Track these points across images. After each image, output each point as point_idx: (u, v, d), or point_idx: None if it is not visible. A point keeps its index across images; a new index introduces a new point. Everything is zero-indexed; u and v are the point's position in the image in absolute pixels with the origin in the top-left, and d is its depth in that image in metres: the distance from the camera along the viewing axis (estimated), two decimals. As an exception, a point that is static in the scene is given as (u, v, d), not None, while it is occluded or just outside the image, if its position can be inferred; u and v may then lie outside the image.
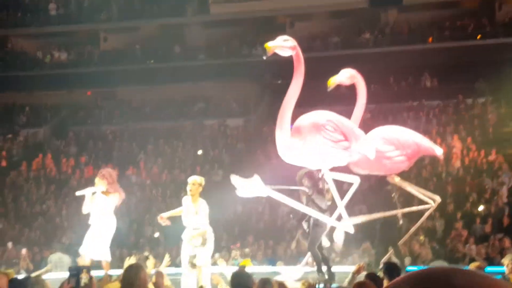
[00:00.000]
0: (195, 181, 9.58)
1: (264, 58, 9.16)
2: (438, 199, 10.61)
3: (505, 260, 9.02)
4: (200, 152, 22.72)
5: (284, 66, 25.85)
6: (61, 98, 27.77)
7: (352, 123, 9.65)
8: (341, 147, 9.17)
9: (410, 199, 12.25)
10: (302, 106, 12.00)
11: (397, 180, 10.45)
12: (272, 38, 29.05)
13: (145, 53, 27.79)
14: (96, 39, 28.98)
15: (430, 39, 25.72)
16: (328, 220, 9.61)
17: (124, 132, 24.92)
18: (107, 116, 26.64)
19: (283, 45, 9.07)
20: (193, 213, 9.56)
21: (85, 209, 10.43)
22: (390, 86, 25.03)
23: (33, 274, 9.73)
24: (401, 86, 25.11)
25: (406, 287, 0.86)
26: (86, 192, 10.47)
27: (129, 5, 28.65)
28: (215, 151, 22.65)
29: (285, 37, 9.22)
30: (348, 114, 10.27)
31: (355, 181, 9.80)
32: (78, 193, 10.82)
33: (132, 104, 26.83)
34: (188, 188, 9.62)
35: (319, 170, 9.63)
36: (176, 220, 10.06)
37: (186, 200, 9.71)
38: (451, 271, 0.87)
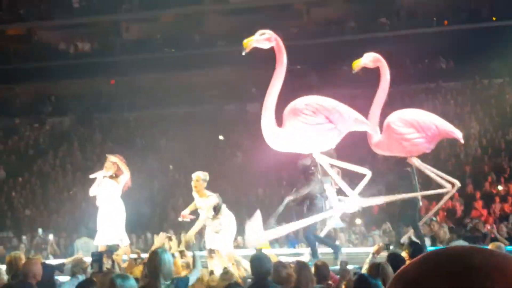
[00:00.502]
0: (198, 177, 9.42)
1: (243, 54, 9.20)
2: (457, 183, 10.41)
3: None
4: (221, 137, 22.59)
5: (302, 52, 25.69)
6: (85, 87, 27.76)
7: (338, 104, 9.51)
8: (323, 130, 9.06)
9: (429, 181, 11.94)
10: (321, 89, 11.85)
11: (416, 162, 10.24)
12: (290, 24, 28.91)
13: (166, 41, 27.71)
14: (118, 29, 29.05)
15: (446, 22, 25.40)
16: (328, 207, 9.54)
17: (145, 118, 24.93)
18: (130, 104, 26.62)
19: (258, 39, 9.18)
20: (201, 208, 9.45)
21: (92, 191, 10.55)
22: (407, 69, 24.74)
23: (66, 261, 9.66)
24: (417, 68, 24.85)
25: (421, 271, 0.82)
26: (98, 175, 10.42)
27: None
28: (234, 135, 22.51)
29: (262, 31, 9.32)
30: (367, 97, 10.13)
31: (367, 173, 9.76)
32: (91, 176, 10.77)
33: (154, 91, 26.77)
34: (192, 184, 9.51)
35: (311, 155, 9.48)
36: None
37: (194, 195, 9.59)
38: (469, 250, 0.83)
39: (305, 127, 9.02)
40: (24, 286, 6.16)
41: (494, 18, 24.68)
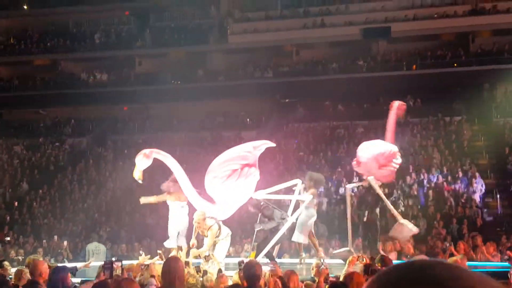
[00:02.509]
0: (199, 219, 9.16)
1: (141, 182, 9.11)
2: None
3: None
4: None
5: (291, 87, 25.96)
6: (102, 112, 27.80)
7: (236, 149, 9.43)
8: (245, 176, 8.93)
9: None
10: (306, 122, 11.97)
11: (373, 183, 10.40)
12: (281, 63, 28.88)
13: (173, 75, 27.82)
14: (132, 63, 29.08)
15: (414, 66, 25.65)
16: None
17: (153, 141, 24.92)
18: (140, 128, 26.65)
19: (138, 164, 9.06)
20: (206, 236, 9.35)
21: (143, 200, 10.78)
22: (380, 105, 24.90)
23: (79, 265, 9.65)
24: (389, 105, 24.93)
25: (390, 278, 0.81)
26: (150, 200, 10.55)
27: (160, 34, 28.77)
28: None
29: (138, 156, 9.14)
30: (346, 128, 10.24)
31: (298, 182, 9.80)
32: (142, 201, 10.71)
33: (162, 118, 26.83)
34: (195, 226, 9.29)
35: (257, 200, 9.41)
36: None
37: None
38: (433, 263, 0.82)
39: (230, 186, 8.85)
40: (31, 285, 6.00)
41: (455, 64, 24.97)
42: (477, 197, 17.10)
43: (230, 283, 7.00)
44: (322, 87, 24.29)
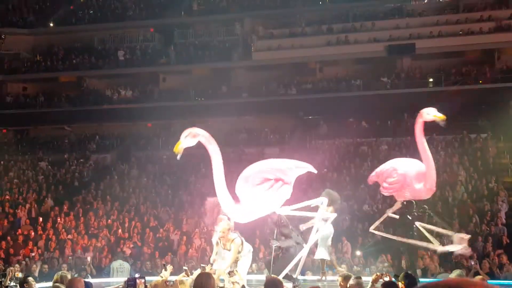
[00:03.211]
0: (224, 229, 9.13)
1: (178, 158, 8.57)
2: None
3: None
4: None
5: (314, 104, 26.12)
6: (126, 129, 28.26)
7: (278, 162, 9.35)
8: (275, 190, 8.86)
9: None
10: (329, 138, 12.16)
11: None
12: (304, 80, 29.09)
13: (197, 91, 28.16)
14: (156, 80, 29.48)
15: (438, 83, 25.72)
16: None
17: (177, 158, 25.19)
18: (164, 144, 26.96)
19: (184, 140, 8.72)
20: (229, 250, 9.26)
21: None
22: (404, 122, 25.00)
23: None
24: (413, 122, 24.97)
25: None
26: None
27: (184, 51, 29.24)
28: (254, 175, 22.72)
29: (187, 131, 8.76)
30: (369, 144, 10.35)
31: (324, 201, 9.66)
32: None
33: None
34: (220, 235, 9.19)
35: (274, 214, 9.33)
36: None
37: (220, 241, 9.35)
38: (464, 282, 0.83)
39: (259, 194, 8.80)
40: None
41: (480, 81, 24.98)
42: (502, 214, 17.08)
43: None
44: (345, 104, 24.46)
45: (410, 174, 10.08)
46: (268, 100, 26.36)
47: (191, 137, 8.79)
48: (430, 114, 9.89)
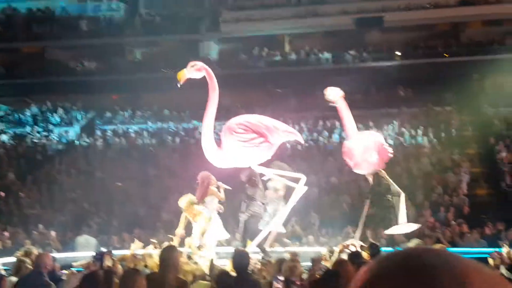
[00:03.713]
0: (187, 203, 9.50)
1: (179, 86, 8.91)
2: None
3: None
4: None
5: (283, 77, 26.13)
6: (91, 101, 27.85)
7: (268, 120, 9.36)
8: (256, 144, 9.00)
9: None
10: (298, 111, 12.23)
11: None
12: (274, 52, 28.96)
13: (164, 64, 27.82)
14: (122, 51, 29.10)
15: (405, 56, 26.00)
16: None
17: (144, 131, 25.02)
18: (130, 117, 26.71)
19: (190, 70, 9.00)
20: (196, 222, 9.60)
21: None
22: (371, 96, 25.27)
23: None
24: (380, 96, 25.34)
25: (383, 268, 0.82)
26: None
27: (151, 22, 28.80)
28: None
29: (193, 63, 9.09)
30: (337, 118, 10.44)
31: (302, 177, 9.70)
32: None
33: (152, 107, 26.93)
34: (184, 210, 9.59)
35: (250, 168, 9.47)
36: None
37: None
38: (425, 251, 0.83)
39: (240, 144, 8.94)
40: (37, 275, 6.29)
41: (446, 55, 25.35)
42: (464, 185, 17.53)
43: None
44: (314, 77, 24.53)
45: (364, 148, 10.17)
46: (237, 73, 26.23)
47: (196, 70, 9.04)
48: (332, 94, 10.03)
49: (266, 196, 9.88)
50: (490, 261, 7.18)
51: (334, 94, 10.18)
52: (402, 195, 10.44)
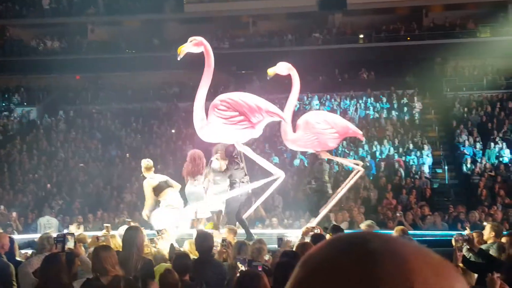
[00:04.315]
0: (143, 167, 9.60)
1: (178, 59, 9.07)
2: (361, 163, 10.75)
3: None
4: (173, 130, 22.57)
5: (247, 59, 25.94)
6: (53, 81, 27.18)
7: (253, 99, 9.28)
8: (236, 122, 8.96)
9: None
10: (262, 94, 12.04)
11: (328, 155, 10.56)
12: (237, 34, 28.77)
13: (128, 44, 27.32)
14: (84, 31, 28.38)
15: (368, 39, 26.02)
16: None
17: (107, 112, 24.59)
18: (93, 98, 26.18)
19: (189, 45, 9.19)
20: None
21: None
22: (335, 78, 25.25)
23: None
24: (344, 78, 25.34)
25: (324, 252, 0.80)
26: None
27: (114, 1, 28.12)
28: (187, 129, 22.49)
29: (192, 38, 9.29)
30: (300, 99, 10.32)
31: (281, 176, 9.61)
32: None
33: (116, 88, 26.41)
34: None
35: (233, 145, 9.39)
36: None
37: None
38: (370, 235, 0.80)
39: (220, 120, 8.91)
40: None
41: (408, 38, 25.44)
42: (426, 168, 17.68)
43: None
44: (278, 59, 24.16)
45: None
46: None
47: (194, 44, 9.18)
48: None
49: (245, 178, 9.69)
50: (453, 242, 7.17)
51: (283, 67, 10.10)
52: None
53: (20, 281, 5.56)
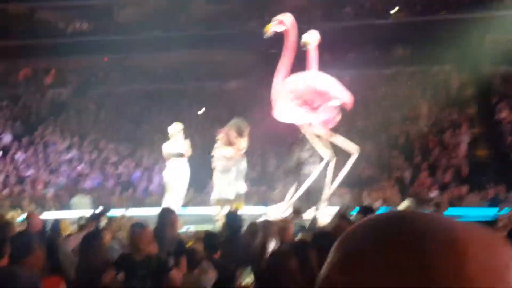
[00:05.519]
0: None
1: (265, 37, 9.78)
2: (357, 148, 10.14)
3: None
4: (201, 111, 22.67)
5: (276, 39, 25.61)
6: (81, 62, 27.44)
7: (319, 82, 9.61)
8: (299, 105, 9.42)
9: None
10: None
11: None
12: (268, 12, 28.47)
13: (154, 23, 27.30)
14: (110, 12, 28.45)
15: (402, 13, 25.52)
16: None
17: (135, 92, 24.84)
18: (121, 79, 26.39)
19: (274, 24, 9.87)
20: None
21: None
22: (366, 54, 24.88)
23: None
24: (376, 55, 24.97)
25: (365, 231, 0.74)
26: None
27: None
28: (215, 110, 22.58)
29: (276, 17, 9.87)
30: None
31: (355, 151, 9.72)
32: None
33: (143, 68, 26.58)
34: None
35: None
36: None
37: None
38: (412, 214, 0.75)
39: (291, 102, 9.30)
40: (26, 235, 6.05)
41: (442, 12, 24.83)
42: (463, 146, 17.32)
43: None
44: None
45: None
46: (229, 33, 25.74)
47: (278, 23, 9.85)
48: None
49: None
50: (499, 223, 7.01)
51: (312, 38, 10.25)
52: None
53: (61, 259, 5.70)
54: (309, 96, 9.35)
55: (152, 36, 26.47)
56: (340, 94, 9.51)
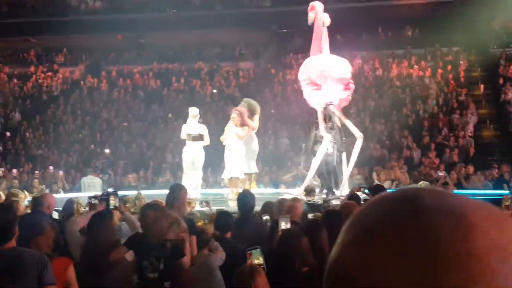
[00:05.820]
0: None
1: (309, 23, 10.41)
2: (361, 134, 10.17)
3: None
4: (214, 90, 22.70)
5: (289, 18, 25.59)
6: (95, 41, 27.43)
7: (327, 65, 10.13)
8: (309, 85, 10.07)
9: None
10: (304, 52, 12.08)
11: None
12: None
13: (168, 2, 27.24)
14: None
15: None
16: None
17: (149, 72, 24.80)
18: (135, 58, 26.39)
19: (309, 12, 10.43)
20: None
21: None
22: (378, 35, 24.75)
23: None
24: (387, 36, 24.83)
25: (375, 210, 0.74)
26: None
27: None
28: (228, 89, 22.58)
29: (311, 4, 10.45)
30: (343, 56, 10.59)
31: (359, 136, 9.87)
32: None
33: (157, 47, 26.53)
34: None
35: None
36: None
37: None
38: (421, 191, 0.74)
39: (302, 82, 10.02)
40: (38, 215, 6.19)
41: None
42: (470, 127, 17.38)
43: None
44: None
45: None
46: (242, 12, 25.61)
47: (309, 10, 10.49)
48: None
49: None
50: (504, 202, 7.16)
51: (327, 19, 10.57)
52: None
53: (68, 239, 5.63)
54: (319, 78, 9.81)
55: (166, 15, 26.43)
56: (343, 75, 9.84)
